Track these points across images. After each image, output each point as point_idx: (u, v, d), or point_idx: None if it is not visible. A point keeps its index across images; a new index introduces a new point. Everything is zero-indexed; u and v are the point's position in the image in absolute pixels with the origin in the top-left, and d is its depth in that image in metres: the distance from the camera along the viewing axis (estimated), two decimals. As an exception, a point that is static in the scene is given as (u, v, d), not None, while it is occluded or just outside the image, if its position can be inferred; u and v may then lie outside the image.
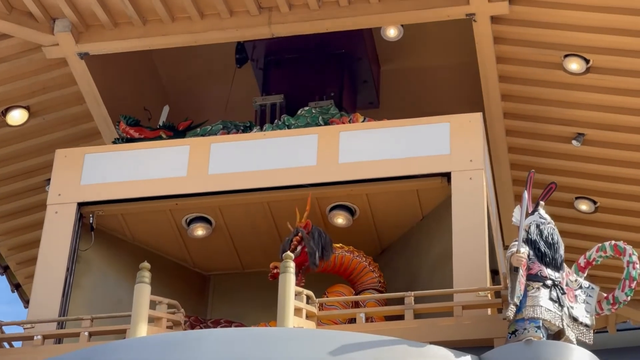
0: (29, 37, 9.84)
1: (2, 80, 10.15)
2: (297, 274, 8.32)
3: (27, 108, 10.37)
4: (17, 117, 10.36)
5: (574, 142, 10.10)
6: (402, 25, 10.20)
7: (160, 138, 9.68)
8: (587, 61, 9.58)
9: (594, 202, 10.52)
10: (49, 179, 9.56)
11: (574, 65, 9.60)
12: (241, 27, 9.71)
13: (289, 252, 8.10)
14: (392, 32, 10.31)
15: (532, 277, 7.96)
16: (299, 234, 8.74)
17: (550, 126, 10.10)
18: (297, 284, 8.30)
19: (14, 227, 11.10)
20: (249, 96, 10.65)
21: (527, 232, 8.15)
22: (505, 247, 10.57)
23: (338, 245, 8.92)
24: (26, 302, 11.54)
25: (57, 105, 10.41)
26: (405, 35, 10.45)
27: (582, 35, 9.44)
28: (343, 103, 10.28)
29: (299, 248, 8.69)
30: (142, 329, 7.84)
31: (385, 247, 9.47)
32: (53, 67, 10.12)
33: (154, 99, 11.03)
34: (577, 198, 10.51)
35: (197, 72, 11.22)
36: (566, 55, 9.58)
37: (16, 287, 11.59)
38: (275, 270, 8.46)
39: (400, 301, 8.40)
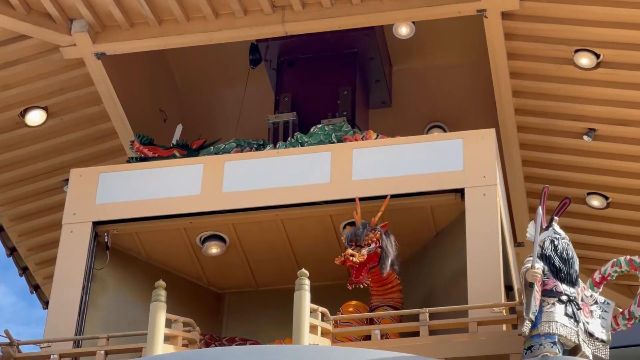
0: (47, 38, 9.98)
1: (20, 81, 10.31)
2: (360, 270, 8.23)
3: (45, 109, 10.51)
4: (35, 118, 10.50)
5: (585, 137, 10.13)
6: (413, 24, 10.31)
7: (174, 157, 9.72)
8: (597, 56, 9.62)
9: (606, 198, 10.54)
10: (67, 179, 9.70)
11: (585, 60, 9.64)
12: (255, 26, 9.84)
13: (303, 270, 8.09)
14: (404, 30, 10.43)
15: (548, 293, 7.96)
16: (378, 232, 8.62)
17: (561, 122, 10.15)
18: (360, 282, 8.23)
19: (32, 227, 11.21)
20: (263, 97, 10.79)
21: (542, 247, 8.16)
22: (518, 244, 10.64)
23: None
24: (45, 303, 11.61)
25: (75, 106, 10.55)
26: (417, 35, 10.56)
27: (592, 30, 9.50)
28: (356, 102, 10.38)
29: (373, 245, 8.56)
30: (158, 348, 7.86)
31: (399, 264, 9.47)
32: (70, 68, 10.27)
33: (169, 100, 11.19)
34: (588, 194, 10.53)
35: (211, 74, 11.34)
36: (577, 50, 9.63)
37: (35, 288, 11.66)
38: (351, 259, 8.22)
39: (415, 318, 8.40)
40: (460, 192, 8.90)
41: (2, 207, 11.06)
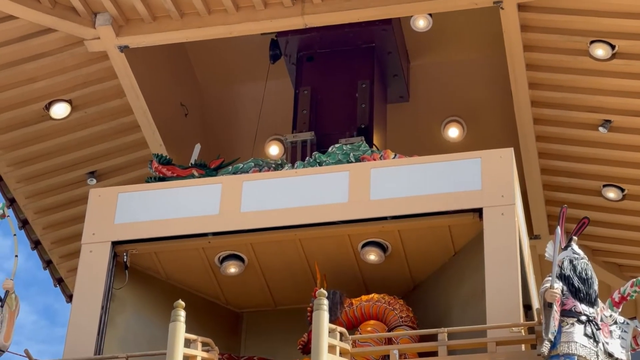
0: (72, 31, 10.16)
1: (45, 74, 10.51)
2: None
3: (69, 102, 10.67)
4: (60, 110, 10.69)
5: (600, 129, 10.17)
6: (430, 17, 10.44)
7: (192, 176, 9.76)
8: (613, 47, 9.67)
9: (622, 190, 10.55)
10: (91, 172, 9.81)
11: (600, 51, 9.71)
12: (275, 18, 10.00)
13: (322, 290, 8.12)
14: (421, 23, 10.61)
15: (567, 313, 7.96)
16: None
17: (577, 113, 10.23)
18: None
19: (57, 220, 11.38)
20: (283, 92, 11.00)
21: (561, 267, 8.15)
22: (534, 237, 10.68)
23: (357, 299, 8.98)
24: (69, 296, 11.74)
25: (99, 99, 10.74)
26: (434, 31, 10.73)
27: (607, 21, 9.58)
28: (374, 96, 10.57)
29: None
30: (178, 367, 7.87)
31: (418, 283, 9.48)
32: (94, 61, 10.46)
33: (190, 94, 11.39)
34: (604, 186, 10.55)
35: (231, 69, 11.53)
36: (592, 42, 9.69)
37: (59, 281, 11.76)
38: None
39: (433, 337, 8.40)
40: (479, 211, 8.91)
41: (28, 199, 11.26)
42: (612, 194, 10.64)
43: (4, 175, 11.16)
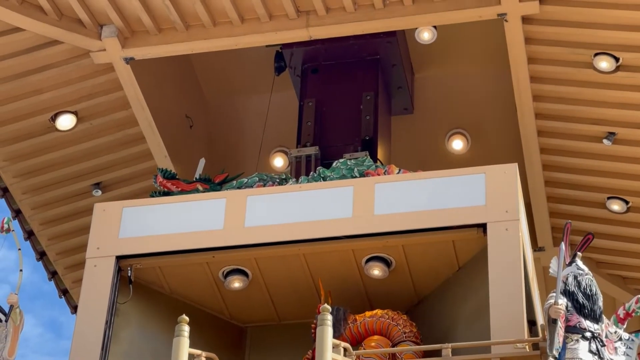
0: (78, 43, 10.22)
1: (52, 86, 10.57)
2: None
3: (75, 113, 10.71)
4: (66, 122, 10.75)
5: (605, 141, 10.19)
6: (435, 29, 10.46)
7: (196, 191, 9.76)
8: (617, 59, 9.68)
9: (626, 202, 10.55)
10: (97, 183, 9.89)
11: (604, 63, 9.73)
12: (280, 30, 10.06)
13: (326, 305, 8.12)
14: (426, 35, 10.64)
15: (571, 329, 7.95)
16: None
17: (581, 125, 10.25)
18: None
19: (62, 231, 11.43)
20: (288, 104, 11.01)
21: (565, 283, 8.14)
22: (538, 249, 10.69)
23: (361, 315, 8.99)
24: (74, 307, 11.77)
25: (104, 111, 10.79)
26: (438, 44, 10.76)
27: (611, 34, 9.61)
28: (378, 108, 10.60)
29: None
30: (182, 383, 7.87)
31: (422, 299, 9.47)
32: (100, 73, 10.51)
33: (195, 106, 11.43)
34: (609, 198, 10.55)
35: (236, 82, 11.58)
36: (596, 54, 9.70)
37: (64, 292, 11.78)
38: None
39: (437, 353, 8.39)
40: (483, 227, 8.90)
41: (33, 210, 11.30)
42: (616, 206, 10.64)
43: (10, 186, 11.21)
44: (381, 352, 8.67)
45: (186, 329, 8.05)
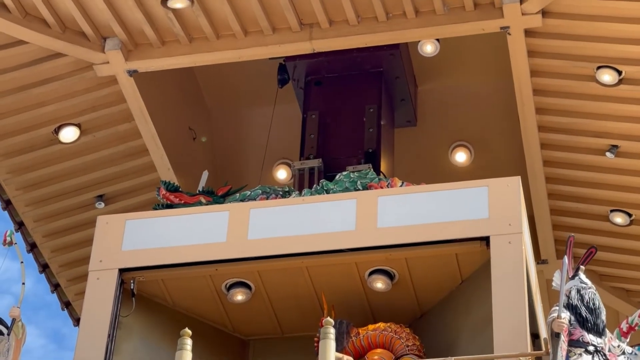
0: (82, 56, 10.25)
1: (55, 98, 10.59)
2: None
3: (78, 126, 10.74)
4: (69, 134, 10.77)
5: (607, 154, 10.19)
6: (438, 42, 10.50)
7: (199, 204, 9.76)
8: (619, 73, 9.69)
9: (629, 215, 10.56)
10: (99, 195, 9.97)
11: (607, 76, 9.75)
12: (283, 43, 10.07)
13: (329, 319, 8.12)
14: (429, 48, 10.65)
15: (574, 343, 7.94)
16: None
17: (584, 138, 10.27)
18: None
19: (65, 243, 11.43)
20: (291, 116, 11.04)
21: (568, 297, 8.13)
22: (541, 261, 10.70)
23: (364, 328, 8.99)
24: (76, 320, 11.75)
25: (107, 123, 10.81)
26: (441, 57, 10.78)
27: (614, 47, 9.62)
28: (382, 120, 10.61)
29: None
30: (184, 396, 7.87)
31: (425, 311, 9.46)
32: (103, 86, 10.53)
33: (199, 119, 11.45)
34: (612, 211, 10.55)
35: (239, 94, 11.59)
36: (599, 67, 9.72)
37: (66, 305, 11.77)
38: None
39: (440, 366, 8.39)
40: (486, 240, 8.89)
41: (36, 222, 11.32)
42: (619, 219, 10.65)
43: (12, 198, 11.23)
44: (384, 366, 8.67)
45: (189, 342, 8.05)
